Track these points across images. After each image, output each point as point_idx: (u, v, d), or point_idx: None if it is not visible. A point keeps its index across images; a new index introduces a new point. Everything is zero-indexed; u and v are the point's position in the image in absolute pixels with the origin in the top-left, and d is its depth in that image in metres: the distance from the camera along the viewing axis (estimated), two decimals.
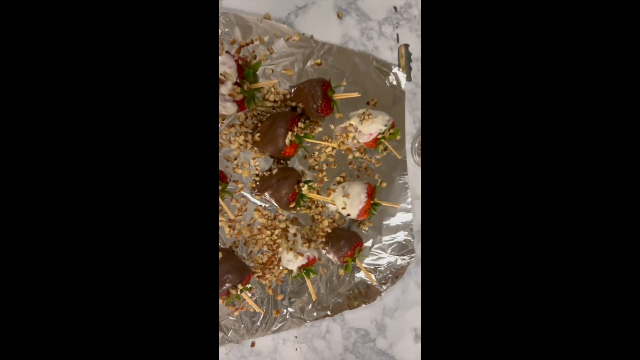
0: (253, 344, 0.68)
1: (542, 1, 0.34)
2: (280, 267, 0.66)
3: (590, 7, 0.34)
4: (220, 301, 0.59)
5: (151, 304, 0.33)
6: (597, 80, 0.33)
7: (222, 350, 0.66)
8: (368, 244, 0.71)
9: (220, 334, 0.65)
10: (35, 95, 0.32)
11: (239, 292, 0.57)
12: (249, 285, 0.59)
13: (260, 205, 0.66)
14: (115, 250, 0.32)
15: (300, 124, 0.62)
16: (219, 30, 0.64)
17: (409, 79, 0.74)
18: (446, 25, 0.36)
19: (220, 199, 0.57)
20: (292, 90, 0.65)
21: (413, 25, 0.74)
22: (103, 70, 0.33)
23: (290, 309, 0.68)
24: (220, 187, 0.57)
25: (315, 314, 0.68)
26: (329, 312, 0.69)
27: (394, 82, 0.73)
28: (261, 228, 0.65)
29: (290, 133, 0.60)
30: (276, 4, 0.68)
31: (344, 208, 0.67)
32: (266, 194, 0.62)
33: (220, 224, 0.64)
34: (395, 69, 0.72)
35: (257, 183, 0.64)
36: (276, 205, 0.64)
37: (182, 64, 0.34)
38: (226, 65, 0.53)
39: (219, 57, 0.54)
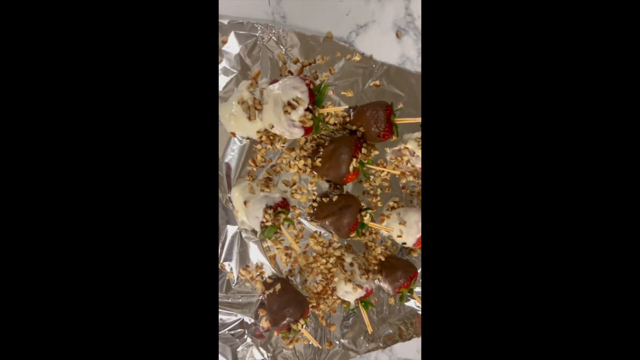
0: None
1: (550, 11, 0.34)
2: (334, 297, 0.63)
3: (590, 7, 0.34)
4: (275, 333, 0.57)
5: (148, 312, 0.32)
6: (594, 78, 0.33)
7: None
8: (418, 271, 0.69)
9: None
10: (35, 96, 0.31)
11: (299, 327, 0.54)
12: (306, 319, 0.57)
13: (316, 232, 0.64)
14: (115, 251, 0.32)
15: (363, 150, 0.60)
16: (283, 49, 0.61)
17: None
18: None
19: (281, 227, 0.54)
20: (352, 113, 0.63)
21: None
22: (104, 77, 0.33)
23: (343, 341, 0.65)
24: (284, 215, 0.54)
25: (367, 345, 0.66)
26: (380, 344, 0.66)
27: None
28: (316, 256, 0.63)
29: (354, 160, 0.57)
30: (337, 22, 0.65)
31: (399, 236, 0.64)
32: (326, 222, 0.59)
33: (277, 251, 0.61)
34: None
35: (315, 209, 0.61)
36: (333, 232, 0.61)
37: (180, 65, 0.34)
38: (298, 90, 0.50)
39: (291, 81, 0.51)
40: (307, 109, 0.51)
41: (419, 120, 0.61)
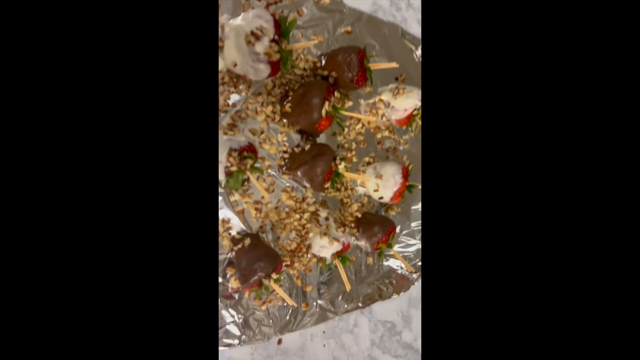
0: (280, 342, 0.60)
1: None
2: (309, 255, 0.59)
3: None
4: (246, 294, 0.52)
5: (149, 302, 0.31)
6: (593, 78, 0.32)
7: (247, 350, 0.59)
8: (397, 227, 0.66)
9: (248, 332, 0.57)
10: (34, 97, 0.30)
11: (271, 283, 0.49)
12: (279, 276, 0.52)
13: (289, 186, 0.59)
14: (113, 245, 0.31)
15: (336, 94, 0.56)
16: None
17: None
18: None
19: (250, 175, 0.50)
20: (324, 58, 0.59)
21: None
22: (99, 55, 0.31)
23: (320, 301, 0.61)
24: (250, 162, 0.50)
25: (346, 306, 0.62)
26: (360, 304, 0.63)
27: (421, 58, 0.68)
28: (289, 211, 0.58)
29: (327, 103, 0.53)
30: None
31: (376, 190, 0.61)
32: (298, 172, 0.55)
33: (245, 205, 0.56)
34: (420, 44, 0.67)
35: (287, 160, 0.57)
36: (307, 185, 0.57)
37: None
38: (262, 19, 0.46)
39: (255, 11, 0.46)
40: (273, 40, 0.46)
41: (394, 65, 0.58)
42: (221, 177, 0.49)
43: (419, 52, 0.67)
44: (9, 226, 0.30)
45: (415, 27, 0.69)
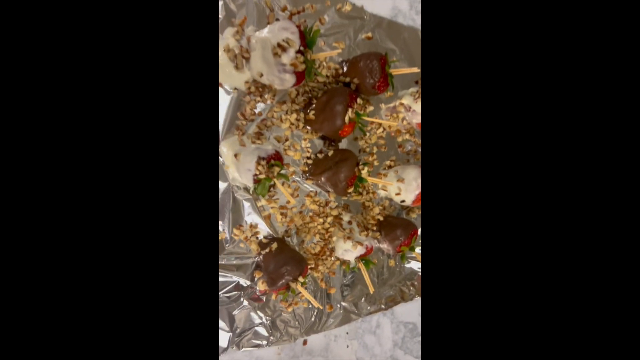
0: (305, 342, 0.62)
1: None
2: (333, 258, 0.60)
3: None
4: (273, 296, 0.54)
5: (149, 302, 0.32)
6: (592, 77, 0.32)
7: (273, 350, 0.61)
8: (419, 230, 0.67)
9: (275, 333, 0.59)
10: (34, 98, 0.31)
11: (298, 287, 0.51)
12: (305, 279, 0.54)
13: (312, 191, 0.61)
14: (114, 244, 0.31)
15: (359, 100, 0.57)
16: None
17: None
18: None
19: (277, 182, 0.51)
20: (346, 65, 0.60)
21: None
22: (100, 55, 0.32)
23: (343, 303, 0.62)
24: (277, 170, 0.51)
25: (369, 307, 0.64)
26: (382, 306, 0.64)
27: None
28: (313, 216, 0.60)
29: (350, 110, 0.55)
30: None
31: (397, 194, 0.62)
32: (322, 177, 0.56)
33: (272, 210, 0.58)
34: None
35: (310, 166, 0.58)
36: (331, 190, 0.58)
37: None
38: (288, 31, 0.47)
39: (281, 23, 0.48)
40: (299, 51, 0.48)
41: (416, 70, 0.59)
42: (250, 184, 0.51)
43: None
44: (8, 226, 0.30)
45: None
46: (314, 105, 0.57)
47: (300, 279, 0.51)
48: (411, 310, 0.69)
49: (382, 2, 0.66)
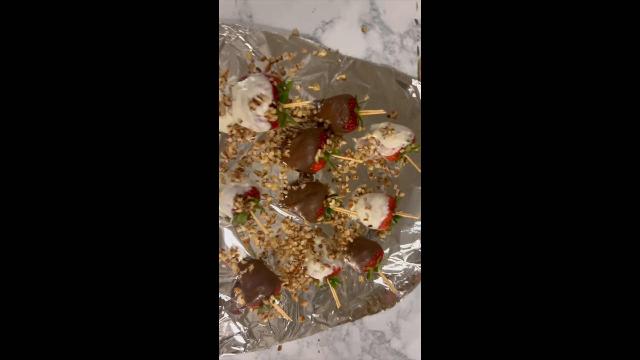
0: (280, 348, 0.71)
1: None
2: (306, 276, 0.69)
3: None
4: (251, 309, 0.62)
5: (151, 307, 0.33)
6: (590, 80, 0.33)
7: (251, 355, 0.70)
8: (386, 251, 0.75)
9: (252, 340, 0.68)
10: (34, 98, 0.32)
11: (271, 303, 0.60)
12: (278, 296, 0.63)
13: (288, 217, 0.69)
14: (115, 250, 0.33)
15: (328, 141, 0.64)
16: (250, 47, 0.65)
17: None
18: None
19: (252, 213, 0.60)
20: (319, 106, 0.67)
21: None
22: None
23: (314, 315, 0.71)
24: (254, 203, 0.60)
25: (337, 319, 0.72)
26: (350, 318, 0.73)
27: (414, 95, 0.75)
28: (288, 239, 0.68)
29: (319, 150, 0.62)
30: (304, 20, 0.69)
31: (366, 219, 0.70)
32: (295, 207, 0.65)
33: (250, 236, 0.66)
34: (414, 82, 0.74)
35: (286, 197, 0.66)
36: (303, 217, 0.67)
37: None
38: (262, 87, 0.55)
39: (255, 79, 0.55)
40: (272, 105, 0.55)
41: (382, 112, 0.66)
42: (230, 215, 0.59)
43: (410, 89, 0.75)
44: (6, 227, 0.30)
45: (407, 67, 0.76)
46: (289, 144, 0.64)
47: (272, 297, 0.60)
48: (379, 320, 0.78)
49: (357, 45, 0.73)
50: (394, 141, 0.69)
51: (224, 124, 0.60)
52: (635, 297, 0.32)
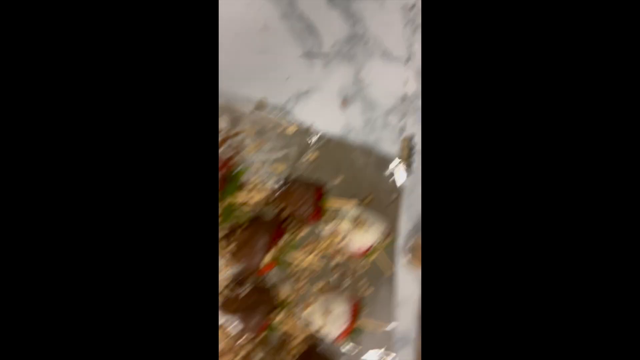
0: None
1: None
2: None
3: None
4: None
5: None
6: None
7: None
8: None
9: None
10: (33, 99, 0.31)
11: None
12: None
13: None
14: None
15: (285, 236, 0.53)
16: None
17: (409, 172, 0.66)
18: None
19: None
20: (280, 190, 0.56)
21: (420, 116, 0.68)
22: None
23: None
24: None
25: None
26: None
27: (391, 179, 0.65)
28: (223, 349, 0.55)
29: (272, 250, 0.51)
30: (276, 87, 0.59)
31: (322, 327, 0.58)
32: (235, 315, 0.52)
33: None
34: (392, 165, 0.65)
35: (223, 302, 0.54)
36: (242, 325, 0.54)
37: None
38: None
39: None
40: None
41: (353, 202, 0.56)
42: None
43: (386, 172, 0.65)
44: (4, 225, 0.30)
45: (389, 147, 0.67)
46: (236, 235, 0.53)
47: None
48: None
49: (334, 120, 0.64)
50: (364, 236, 0.59)
51: None
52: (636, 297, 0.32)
